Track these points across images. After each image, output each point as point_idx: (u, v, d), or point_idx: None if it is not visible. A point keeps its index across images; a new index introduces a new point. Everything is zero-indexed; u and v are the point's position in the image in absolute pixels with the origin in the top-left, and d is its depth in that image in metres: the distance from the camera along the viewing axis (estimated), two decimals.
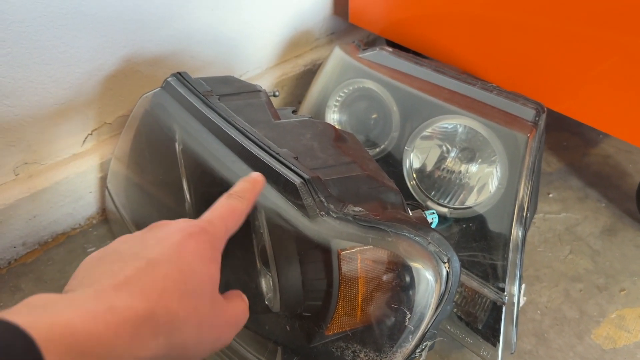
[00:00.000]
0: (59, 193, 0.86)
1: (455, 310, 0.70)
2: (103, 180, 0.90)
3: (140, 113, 0.76)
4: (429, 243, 0.50)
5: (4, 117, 0.75)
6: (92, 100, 0.85)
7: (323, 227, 0.51)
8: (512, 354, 0.67)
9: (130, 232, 0.78)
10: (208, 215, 0.41)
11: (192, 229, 0.38)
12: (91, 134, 0.88)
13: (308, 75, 1.16)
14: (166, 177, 0.70)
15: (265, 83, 1.10)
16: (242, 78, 1.09)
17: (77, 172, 0.86)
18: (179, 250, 0.36)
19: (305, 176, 0.52)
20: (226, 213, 0.41)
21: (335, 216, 0.51)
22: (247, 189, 0.45)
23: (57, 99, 0.80)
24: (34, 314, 0.28)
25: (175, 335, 0.33)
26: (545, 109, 0.74)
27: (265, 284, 0.57)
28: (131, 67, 0.87)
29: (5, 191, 0.80)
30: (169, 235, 0.37)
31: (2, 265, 0.84)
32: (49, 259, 0.87)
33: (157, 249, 0.35)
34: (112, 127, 0.91)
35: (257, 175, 0.47)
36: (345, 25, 1.27)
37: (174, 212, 0.68)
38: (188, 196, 0.65)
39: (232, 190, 0.44)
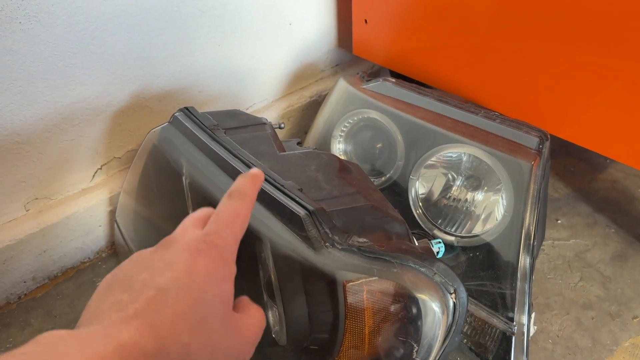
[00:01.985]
0: (69, 227, 0.87)
1: (465, 341, 0.69)
2: (112, 214, 0.91)
3: (148, 147, 0.77)
4: (435, 274, 0.50)
5: (15, 154, 0.77)
6: (102, 135, 0.86)
7: (328, 259, 0.51)
8: None
9: None
10: (214, 225, 0.39)
11: (199, 245, 0.37)
12: (100, 169, 0.90)
13: (314, 106, 1.17)
14: (174, 211, 0.70)
15: (272, 115, 1.12)
16: (249, 110, 1.11)
17: (87, 206, 0.87)
18: (189, 273, 0.35)
19: (310, 208, 0.53)
20: (231, 218, 0.40)
21: (340, 247, 0.51)
22: (246, 184, 0.43)
23: (68, 135, 0.82)
24: (37, 358, 0.28)
25: None
26: (549, 136, 0.74)
27: (272, 316, 0.57)
28: (140, 103, 0.89)
29: (15, 226, 0.81)
30: (177, 257, 0.36)
31: (12, 300, 0.85)
32: (59, 293, 0.87)
33: (167, 274, 0.34)
34: (121, 162, 0.92)
35: (256, 170, 0.45)
36: (349, 57, 1.29)
37: None
38: None
39: (232, 189, 0.42)
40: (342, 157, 0.93)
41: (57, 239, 0.86)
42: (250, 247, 0.57)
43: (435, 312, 0.49)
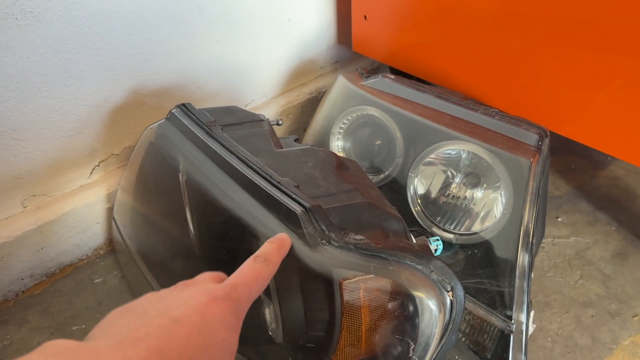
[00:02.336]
0: (67, 224, 0.86)
1: (463, 339, 0.69)
2: (110, 211, 0.91)
3: (145, 144, 0.76)
4: (432, 271, 0.49)
5: (13, 150, 0.77)
6: (99, 132, 0.86)
7: (324, 256, 0.50)
8: None
9: (136, 263, 0.79)
10: (234, 279, 0.41)
11: (217, 292, 0.38)
12: (98, 166, 0.89)
13: (313, 103, 1.17)
14: (170, 208, 0.70)
15: (271, 111, 1.11)
16: (248, 107, 1.10)
17: (85, 203, 0.87)
18: (203, 313, 0.36)
19: (306, 205, 0.52)
20: (251, 278, 0.41)
21: (336, 245, 0.50)
22: (273, 251, 0.46)
23: (65, 131, 0.81)
24: None
25: None
26: (549, 133, 0.73)
27: (268, 314, 0.57)
28: (138, 99, 0.88)
29: (13, 223, 0.81)
30: (194, 296, 0.37)
31: (10, 297, 0.85)
32: (57, 290, 0.87)
33: (182, 309, 0.35)
34: (119, 158, 0.92)
35: (283, 237, 0.48)
36: (349, 54, 1.28)
37: (178, 243, 0.68)
38: (191, 227, 0.65)
39: (258, 252, 0.45)
40: (341, 154, 0.92)
41: (54, 236, 0.86)
42: (246, 244, 0.56)
43: (432, 310, 0.49)
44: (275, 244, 0.47)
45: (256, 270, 0.42)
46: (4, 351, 0.77)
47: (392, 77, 0.88)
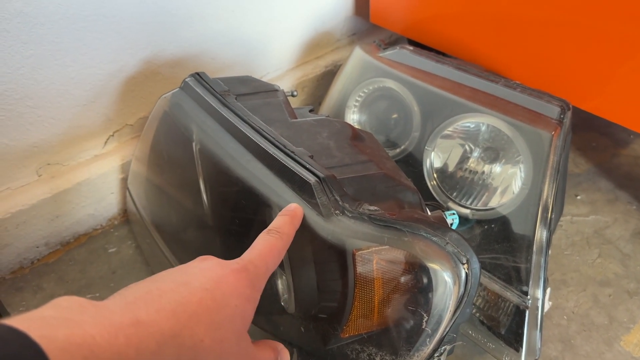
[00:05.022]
0: (81, 194, 0.86)
1: (477, 314, 0.68)
2: (124, 181, 0.91)
3: (159, 113, 0.76)
4: (447, 243, 0.48)
5: (27, 118, 0.77)
6: (114, 101, 0.86)
7: (338, 227, 0.50)
8: None
9: (150, 233, 0.79)
10: (249, 254, 0.41)
11: (234, 265, 0.39)
12: (113, 135, 0.89)
13: (329, 76, 1.15)
14: (184, 178, 0.69)
15: (286, 84, 1.10)
16: (263, 79, 1.09)
17: (99, 173, 0.87)
18: (218, 281, 0.36)
19: (320, 175, 0.51)
20: (266, 251, 0.42)
21: (350, 215, 0.50)
22: (285, 222, 0.46)
23: (79, 100, 0.81)
24: (53, 324, 0.27)
25: None
26: (571, 106, 0.71)
27: (281, 284, 0.56)
28: (152, 69, 0.88)
29: (27, 192, 0.81)
30: (211, 267, 0.38)
31: (25, 264, 0.86)
32: (71, 259, 0.87)
33: (198, 276, 0.36)
34: (133, 129, 0.91)
35: (294, 208, 0.48)
36: (366, 26, 1.26)
37: (192, 214, 0.68)
38: (205, 197, 0.64)
39: (271, 226, 0.45)
40: None
41: (69, 205, 0.86)
42: (260, 214, 0.56)
43: (447, 283, 0.48)
44: (288, 216, 0.47)
45: (270, 244, 0.43)
46: None
47: (411, 48, 0.86)
